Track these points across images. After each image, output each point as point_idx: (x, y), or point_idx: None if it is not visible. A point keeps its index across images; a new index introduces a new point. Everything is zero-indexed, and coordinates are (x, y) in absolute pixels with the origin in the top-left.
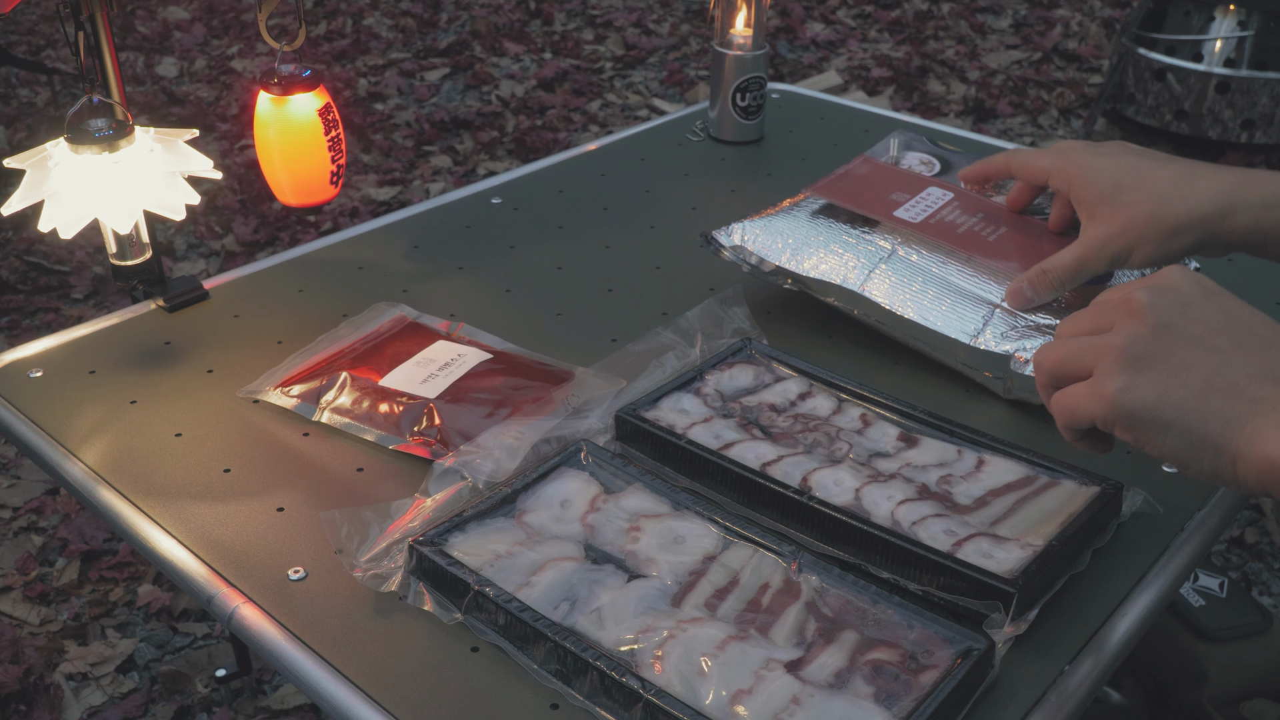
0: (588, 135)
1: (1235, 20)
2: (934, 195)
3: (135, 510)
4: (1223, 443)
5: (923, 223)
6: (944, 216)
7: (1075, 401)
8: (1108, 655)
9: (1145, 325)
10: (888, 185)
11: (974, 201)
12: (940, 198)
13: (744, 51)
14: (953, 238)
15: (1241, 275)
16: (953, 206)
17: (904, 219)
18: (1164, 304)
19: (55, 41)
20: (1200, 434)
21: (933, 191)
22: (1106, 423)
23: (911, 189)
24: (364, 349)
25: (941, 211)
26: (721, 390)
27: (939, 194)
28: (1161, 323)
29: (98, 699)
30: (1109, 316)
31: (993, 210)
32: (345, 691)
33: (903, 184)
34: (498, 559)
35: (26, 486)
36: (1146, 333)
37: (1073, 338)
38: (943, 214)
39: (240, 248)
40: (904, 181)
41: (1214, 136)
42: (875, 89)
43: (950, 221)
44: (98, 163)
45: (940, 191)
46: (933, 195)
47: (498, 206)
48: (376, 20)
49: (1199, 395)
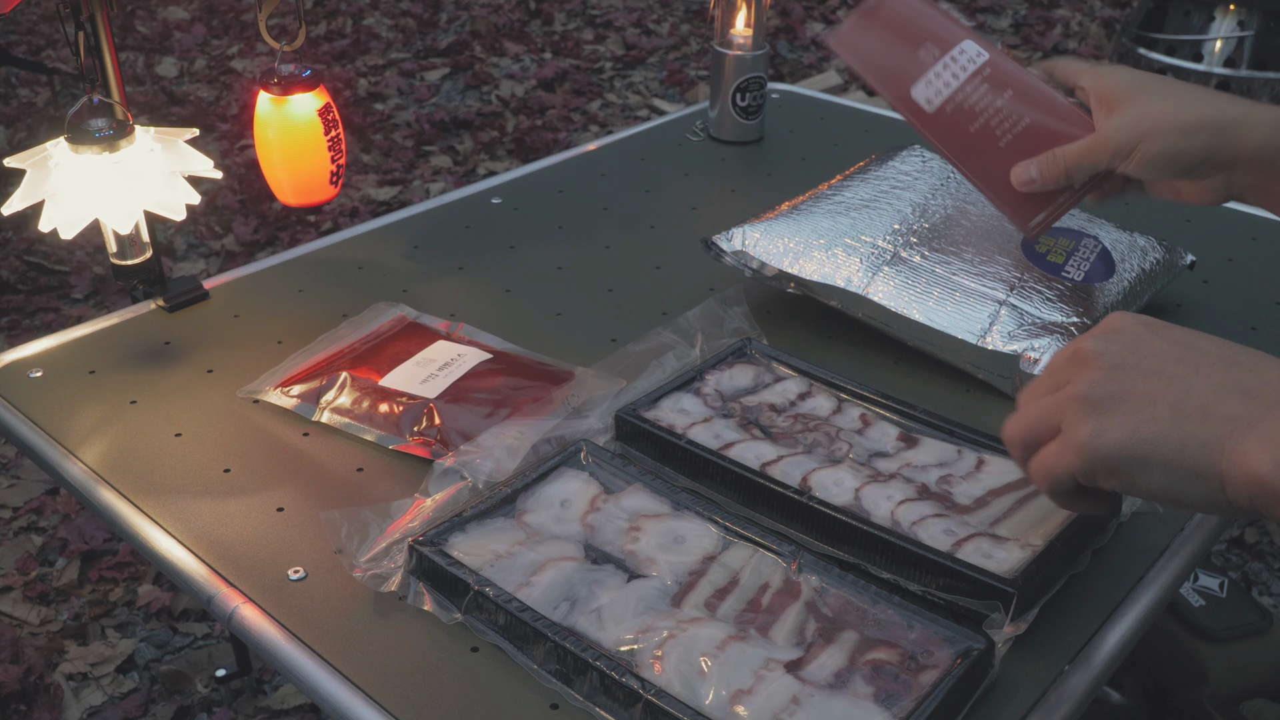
0: (588, 135)
1: (1235, 20)
2: (967, 55)
3: (135, 510)
4: (1206, 467)
5: (939, 109)
6: (966, 99)
7: (1050, 461)
8: (1108, 655)
9: (1100, 369)
10: (919, 34)
11: (1007, 73)
12: (972, 60)
13: (744, 51)
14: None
15: (1241, 275)
16: (980, 79)
17: (919, 103)
18: (1114, 346)
19: (55, 41)
20: (1181, 462)
21: (967, 49)
22: (1086, 474)
23: (945, 42)
24: (364, 349)
25: (967, 88)
26: (721, 390)
27: (973, 53)
28: (1115, 363)
29: (98, 699)
30: (1063, 374)
31: (1024, 88)
32: (345, 691)
33: (936, 33)
34: (498, 559)
35: (26, 486)
36: (1102, 376)
37: (1033, 402)
38: (966, 93)
39: (240, 248)
40: (939, 29)
41: None
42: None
43: (970, 108)
44: (98, 163)
45: (975, 49)
46: (965, 55)
47: (498, 206)
48: (376, 20)
49: (1170, 424)
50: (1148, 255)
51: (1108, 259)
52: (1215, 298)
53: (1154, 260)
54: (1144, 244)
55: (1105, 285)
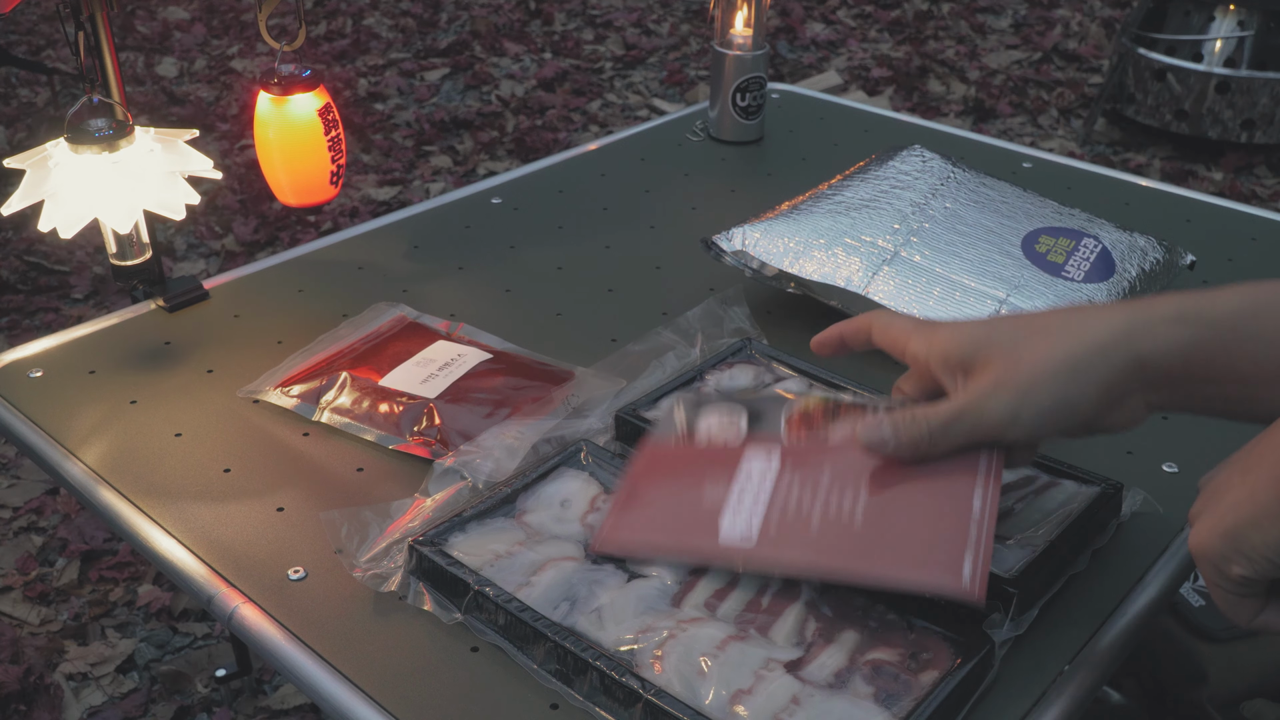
0: (588, 135)
1: (1235, 20)
2: (758, 468)
3: (135, 510)
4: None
5: (763, 537)
6: (785, 510)
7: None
8: (1108, 655)
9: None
10: (691, 487)
11: (812, 459)
12: (767, 468)
13: (744, 51)
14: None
15: (1241, 275)
16: (788, 484)
17: (736, 544)
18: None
19: (55, 41)
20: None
21: (754, 463)
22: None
23: (724, 475)
24: (364, 349)
25: (778, 501)
26: (721, 390)
27: (763, 463)
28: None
29: (98, 699)
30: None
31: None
32: (345, 691)
33: (711, 471)
34: (498, 559)
35: (26, 486)
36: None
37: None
38: (782, 506)
39: (240, 248)
40: (711, 467)
41: (1214, 136)
42: (875, 89)
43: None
44: (98, 163)
45: (763, 463)
46: (757, 468)
47: (498, 206)
48: (376, 20)
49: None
50: (1148, 255)
51: (1108, 259)
52: None
53: (1154, 260)
54: (1144, 244)
55: (1105, 285)
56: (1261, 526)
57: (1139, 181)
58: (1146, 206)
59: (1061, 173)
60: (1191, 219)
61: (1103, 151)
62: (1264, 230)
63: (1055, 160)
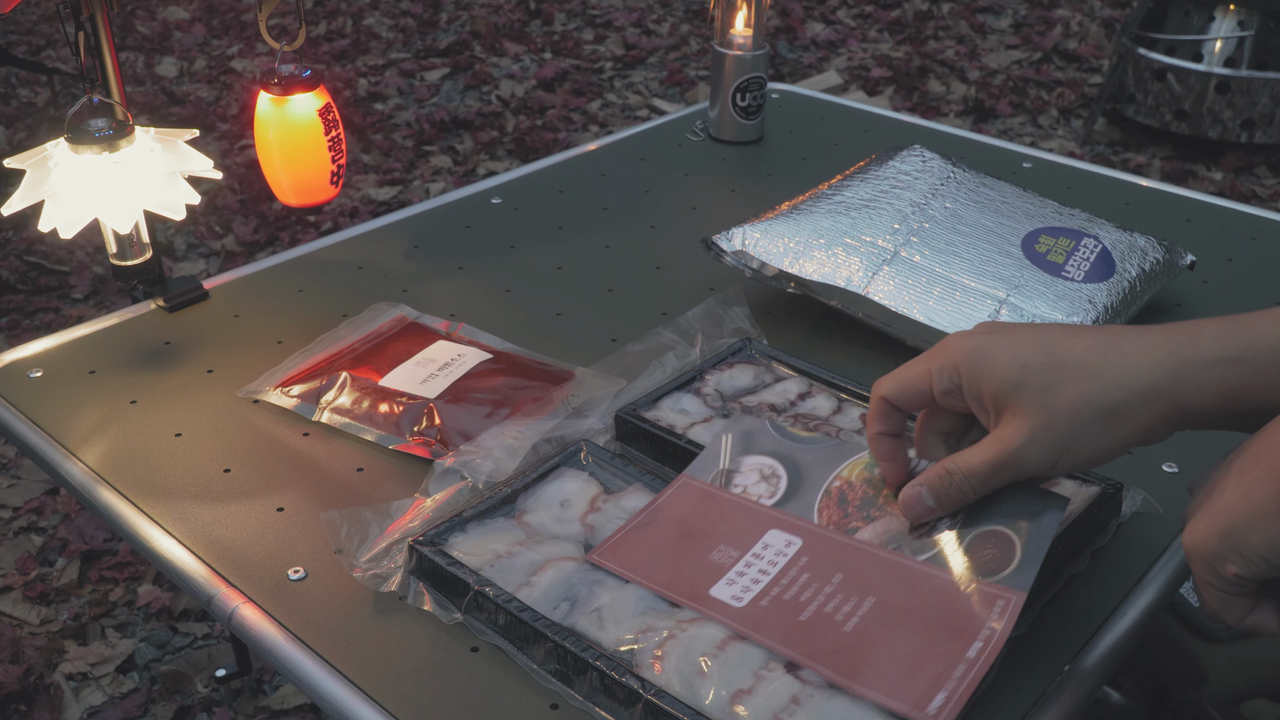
0: (588, 135)
1: (1235, 20)
2: (774, 546)
3: (135, 510)
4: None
5: (751, 606)
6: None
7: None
8: (1108, 655)
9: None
10: (705, 539)
11: (830, 553)
12: (783, 550)
13: (744, 51)
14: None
15: (1241, 275)
16: (798, 568)
17: (723, 600)
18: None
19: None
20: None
21: (773, 539)
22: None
23: (740, 540)
24: (364, 349)
25: (781, 581)
26: (721, 390)
27: (781, 542)
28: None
29: (98, 699)
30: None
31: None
32: (345, 691)
33: (729, 532)
34: (498, 559)
35: (26, 486)
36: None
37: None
38: (782, 588)
39: (240, 248)
40: (731, 527)
41: (1214, 136)
42: (875, 89)
43: (792, 599)
44: (98, 163)
45: (784, 538)
46: (773, 546)
47: (498, 206)
48: (376, 20)
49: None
50: (1148, 255)
51: (1108, 259)
52: (1215, 298)
53: (1154, 260)
54: (1144, 244)
55: (1105, 285)
56: (1258, 525)
57: (1139, 181)
58: (1146, 206)
59: (1061, 173)
60: (1191, 219)
61: (1103, 151)
62: (1264, 230)
63: (1055, 160)
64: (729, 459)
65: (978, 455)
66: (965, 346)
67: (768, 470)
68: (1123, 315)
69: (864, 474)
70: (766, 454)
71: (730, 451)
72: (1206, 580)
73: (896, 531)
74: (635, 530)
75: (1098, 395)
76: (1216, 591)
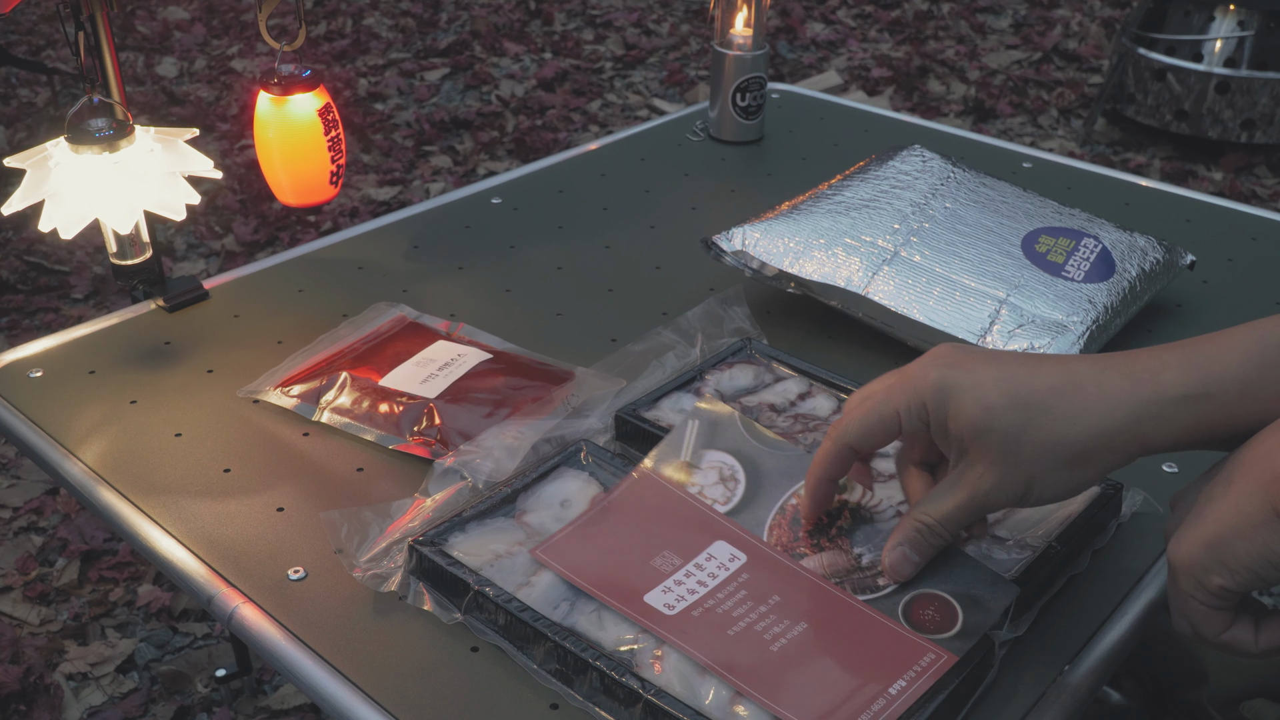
0: (588, 135)
1: (1235, 20)
2: (718, 558)
3: (135, 510)
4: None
5: (683, 615)
6: (716, 605)
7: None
8: (1108, 655)
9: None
10: (652, 539)
11: (772, 574)
12: (725, 563)
13: (744, 51)
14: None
15: (1241, 275)
16: (737, 584)
17: (655, 607)
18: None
19: (55, 41)
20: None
21: (718, 550)
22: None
23: (688, 546)
24: (364, 349)
25: (720, 592)
26: (721, 390)
27: (726, 555)
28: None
29: (98, 699)
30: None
31: (797, 591)
32: (345, 691)
33: (675, 537)
34: (498, 559)
35: (26, 486)
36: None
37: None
38: (716, 600)
39: (240, 248)
40: (678, 533)
41: (1214, 136)
42: (875, 89)
43: (723, 613)
44: (98, 163)
45: (729, 551)
46: (716, 558)
47: (498, 206)
48: (376, 20)
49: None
50: (1148, 255)
51: (1108, 259)
52: (1215, 298)
53: (1154, 260)
54: (1144, 244)
55: (1105, 285)
56: (1246, 535)
57: (1139, 181)
58: (1146, 206)
59: (1061, 173)
60: (1191, 219)
61: (1103, 151)
62: (1264, 230)
63: (1055, 160)
64: (691, 451)
65: (948, 502)
66: (929, 382)
67: (727, 472)
68: (1123, 315)
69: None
70: (729, 451)
71: (694, 442)
72: (1189, 594)
73: (842, 567)
74: (583, 527)
75: (1063, 441)
76: (1198, 605)
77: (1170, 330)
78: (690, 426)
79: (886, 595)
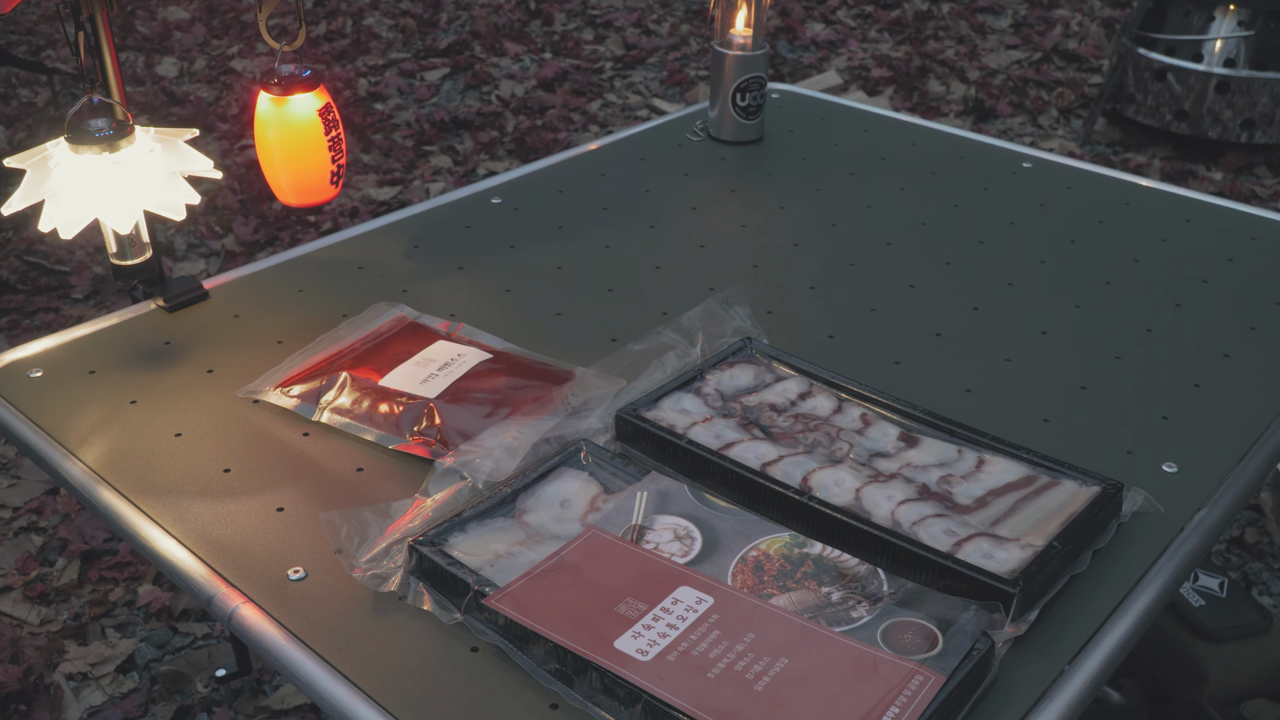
0: (588, 135)
1: (1235, 20)
2: (684, 601)
3: (135, 510)
4: None
5: (657, 659)
6: (691, 649)
7: None
8: (1108, 655)
9: None
10: (612, 587)
11: (745, 610)
12: (693, 605)
13: (744, 51)
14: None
15: (1241, 275)
16: (708, 625)
17: (628, 653)
18: None
19: (55, 41)
20: None
21: (684, 594)
22: None
23: (651, 592)
24: (364, 349)
25: (692, 634)
26: (722, 390)
27: (692, 598)
28: None
29: (98, 699)
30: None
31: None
32: (345, 691)
33: (637, 582)
34: (498, 559)
35: (26, 486)
36: None
37: None
38: (690, 644)
39: (240, 248)
40: (638, 578)
41: (1214, 136)
42: (875, 89)
43: (700, 656)
44: (98, 163)
45: (695, 594)
46: (683, 601)
47: (498, 206)
48: (376, 20)
49: None
50: None
51: None
52: (1215, 297)
53: None
54: None
55: None
56: None
57: (1139, 181)
58: (1146, 206)
59: (1061, 173)
60: (1191, 219)
61: (1103, 151)
62: (1264, 230)
63: (1055, 160)
64: (642, 515)
65: None
66: None
67: (682, 531)
68: None
69: (782, 550)
70: (682, 515)
71: (644, 509)
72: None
73: (813, 604)
74: (536, 579)
75: None
76: None
77: (1170, 329)
78: (639, 497)
79: (863, 625)
